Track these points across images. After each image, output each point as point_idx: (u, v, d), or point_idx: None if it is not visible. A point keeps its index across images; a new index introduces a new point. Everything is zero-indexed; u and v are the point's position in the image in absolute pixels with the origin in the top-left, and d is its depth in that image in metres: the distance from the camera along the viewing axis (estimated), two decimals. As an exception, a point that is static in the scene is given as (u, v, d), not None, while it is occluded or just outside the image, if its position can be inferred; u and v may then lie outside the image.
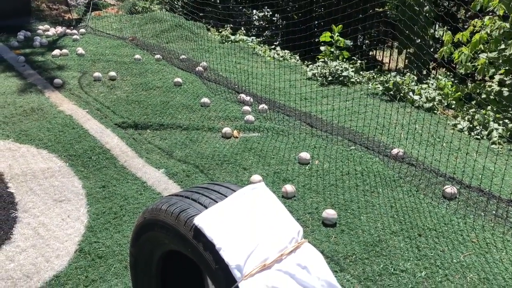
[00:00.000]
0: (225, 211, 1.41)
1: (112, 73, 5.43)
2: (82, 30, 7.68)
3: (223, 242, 1.31)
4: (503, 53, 5.12)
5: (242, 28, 8.65)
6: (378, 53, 10.06)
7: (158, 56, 6.35)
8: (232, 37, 7.95)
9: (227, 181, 2.64)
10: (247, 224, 1.38)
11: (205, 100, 4.79)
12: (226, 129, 4.08)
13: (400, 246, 2.68)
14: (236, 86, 5.45)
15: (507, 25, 5.09)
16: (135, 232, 1.72)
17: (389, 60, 9.03)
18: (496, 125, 4.61)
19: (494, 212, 3.08)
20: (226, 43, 7.68)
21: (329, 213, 2.88)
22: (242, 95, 5.01)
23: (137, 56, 6.25)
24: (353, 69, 6.22)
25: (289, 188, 3.17)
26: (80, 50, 6.35)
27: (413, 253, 2.63)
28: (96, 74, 5.38)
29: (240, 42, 7.80)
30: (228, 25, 8.35)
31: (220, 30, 8.41)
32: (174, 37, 7.58)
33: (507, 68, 5.21)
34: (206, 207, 1.45)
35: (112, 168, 3.52)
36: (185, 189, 1.67)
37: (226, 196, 1.49)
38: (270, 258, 1.32)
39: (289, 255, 1.35)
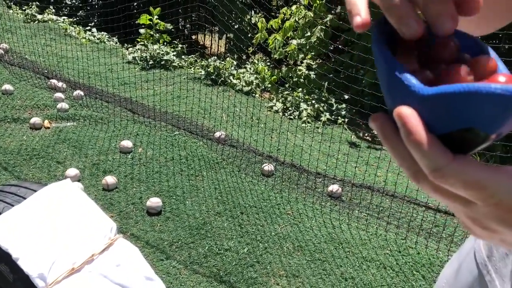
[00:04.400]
0: (23, 215, 1.24)
1: None
2: None
3: (20, 251, 1.15)
4: (310, 40, 5.65)
5: (51, 7, 7.85)
6: (200, 37, 10.19)
7: None
8: (39, 17, 7.15)
9: (27, 180, 2.36)
10: (50, 228, 1.23)
11: (7, 87, 4.21)
12: (35, 119, 3.66)
13: (224, 226, 2.77)
14: (46, 71, 4.93)
15: (311, 14, 5.63)
16: None
17: (210, 45, 9.23)
18: (305, 106, 5.09)
19: (305, 184, 3.40)
20: (32, 22, 6.87)
21: (153, 201, 2.81)
22: (53, 81, 4.54)
23: None
24: (175, 53, 6.18)
25: (109, 179, 3.00)
26: None
27: (236, 231, 2.74)
28: None
29: (49, 22, 7.06)
30: (33, 3, 7.48)
31: (23, 8, 7.48)
32: (-35, 13, 6.47)
33: (313, 53, 5.77)
34: (-1, 213, 1.25)
35: None
36: (-27, 194, 1.42)
37: (25, 198, 1.31)
38: (79, 260, 1.21)
39: (101, 254, 1.25)
